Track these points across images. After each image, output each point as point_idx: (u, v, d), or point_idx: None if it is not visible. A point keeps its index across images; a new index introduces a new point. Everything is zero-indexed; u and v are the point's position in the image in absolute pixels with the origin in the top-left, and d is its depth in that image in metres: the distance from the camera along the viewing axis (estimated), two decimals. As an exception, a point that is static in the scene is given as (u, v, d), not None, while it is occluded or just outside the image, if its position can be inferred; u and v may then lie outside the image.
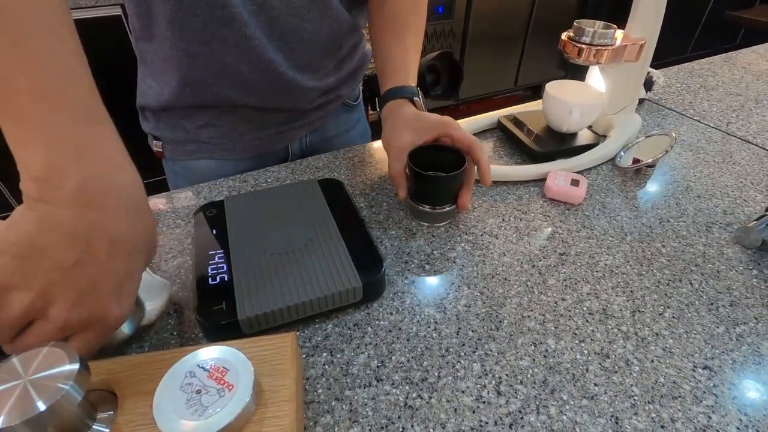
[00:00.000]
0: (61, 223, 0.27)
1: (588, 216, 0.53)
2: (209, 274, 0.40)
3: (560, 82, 0.65)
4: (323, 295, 0.38)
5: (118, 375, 0.29)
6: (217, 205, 0.48)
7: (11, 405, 0.23)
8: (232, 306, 0.37)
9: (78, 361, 0.25)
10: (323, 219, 0.46)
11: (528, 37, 2.43)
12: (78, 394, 0.24)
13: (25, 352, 0.25)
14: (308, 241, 0.43)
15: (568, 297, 0.43)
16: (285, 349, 0.31)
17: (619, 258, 0.47)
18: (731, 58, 1.01)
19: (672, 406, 0.34)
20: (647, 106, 0.79)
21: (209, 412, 0.26)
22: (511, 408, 0.34)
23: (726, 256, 0.48)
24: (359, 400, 0.34)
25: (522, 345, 0.38)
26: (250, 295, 0.37)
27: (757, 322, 0.40)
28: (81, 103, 0.30)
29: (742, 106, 0.79)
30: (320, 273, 0.40)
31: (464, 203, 0.49)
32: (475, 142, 0.49)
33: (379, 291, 0.42)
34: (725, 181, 0.59)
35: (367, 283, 0.39)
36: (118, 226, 0.29)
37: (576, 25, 0.59)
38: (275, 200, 0.49)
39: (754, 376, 0.36)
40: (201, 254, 0.42)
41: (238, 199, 0.49)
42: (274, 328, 0.38)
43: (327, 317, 0.40)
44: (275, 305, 0.37)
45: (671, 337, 0.39)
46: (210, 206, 0.48)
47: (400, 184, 0.50)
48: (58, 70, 0.29)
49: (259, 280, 0.39)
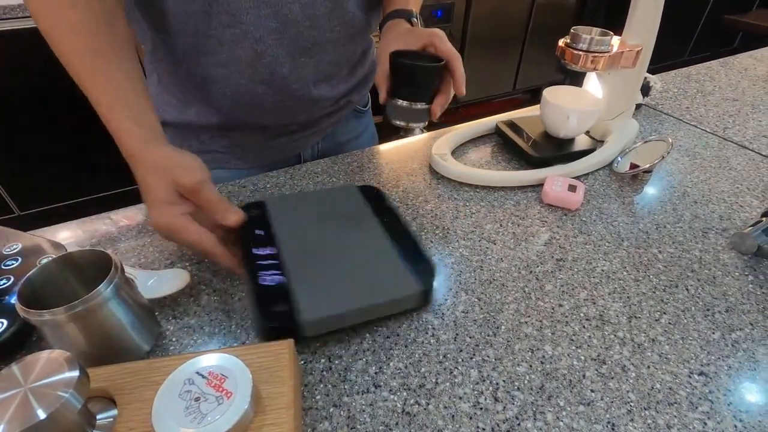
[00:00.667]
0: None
1: (585, 221, 0.53)
2: (262, 274, 0.39)
3: (558, 88, 0.65)
4: (383, 301, 0.38)
5: (117, 382, 0.29)
6: (257, 206, 0.48)
7: (11, 413, 0.23)
8: (293, 308, 0.36)
9: (78, 368, 0.25)
10: (371, 224, 0.46)
11: (527, 40, 2.44)
12: (78, 402, 0.24)
13: (25, 360, 0.25)
14: (360, 246, 0.43)
15: (565, 303, 0.43)
16: (283, 356, 0.31)
17: (616, 264, 0.47)
18: (728, 63, 1.02)
19: (668, 412, 0.34)
20: (644, 111, 0.79)
21: (208, 420, 0.26)
22: (508, 414, 0.34)
23: (722, 261, 0.48)
24: (357, 406, 0.34)
25: (519, 351, 0.38)
26: (310, 297, 0.37)
27: (752, 328, 0.41)
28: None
29: (739, 112, 0.79)
30: (377, 278, 0.40)
31: (435, 108, 0.51)
32: (456, 55, 0.51)
33: (431, 296, 0.42)
34: (722, 187, 0.59)
35: (425, 288, 0.40)
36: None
37: (573, 32, 0.60)
38: (318, 203, 0.49)
39: (749, 382, 0.36)
40: (249, 254, 0.42)
41: (280, 201, 0.50)
42: (333, 332, 0.38)
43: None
44: (337, 309, 0.37)
45: (667, 343, 0.39)
46: (251, 206, 0.48)
47: (382, 86, 0.52)
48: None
49: (317, 283, 0.39)
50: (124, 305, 0.34)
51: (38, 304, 0.31)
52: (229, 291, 0.44)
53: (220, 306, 0.42)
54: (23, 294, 0.31)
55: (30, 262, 0.41)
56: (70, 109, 1.43)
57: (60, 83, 1.38)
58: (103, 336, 0.34)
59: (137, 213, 0.54)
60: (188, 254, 0.48)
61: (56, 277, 0.34)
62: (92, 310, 0.32)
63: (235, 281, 0.44)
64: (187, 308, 0.42)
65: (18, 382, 0.24)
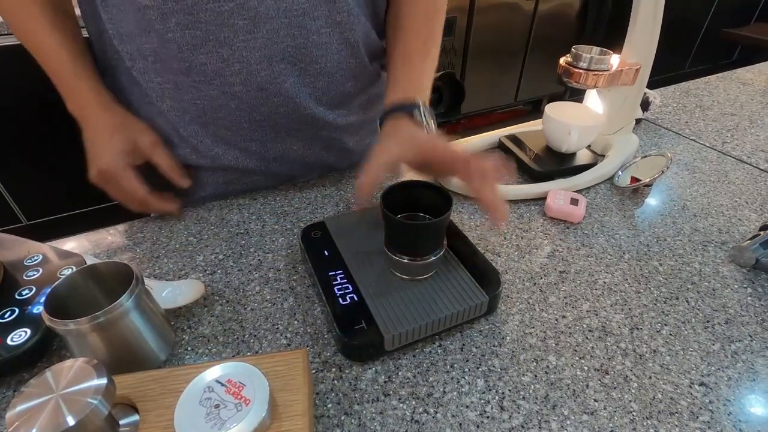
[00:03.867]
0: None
1: (587, 234, 0.55)
2: (337, 294, 0.41)
3: (559, 104, 0.67)
4: (456, 311, 0.40)
5: (139, 389, 0.31)
6: (318, 227, 0.49)
7: (43, 419, 0.24)
8: (372, 324, 0.38)
9: (105, 376, 0.26)
10: None
11: (528, 52, 2.47)
12: (105, 409, 0.25)
13: (57, 366, 0.26)
14: None
15: (568, 314, 0.44)
16: (297, 365, 0.33)
17: (618, 276, 0.49)
18: (726, 77, 1.04)
19: (669, 422, 0.35)
20: (644, 126, 0.81)
21: (227, 426, 0.27)
22: (514, 423, 0.35)
23: (721, 274, 0.49)
24: (367, 414, 0.35)
25: (524, 361, 0.39)
26: (387, 313, 0.39)
27: (751, 340, 0.42)
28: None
29: (737, 126, 0.81)
30: (445, 289, 0.42)
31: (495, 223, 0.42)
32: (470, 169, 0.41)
33: (497, 304, 0.44)
34: (720, 201, 0.61)
35: (492, 297, 0.41)
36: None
37: (574, 51, 0.62)
38: (375, 221, 0.49)
39: (748, 393, 0.37)
40: (322, 275, 0.43)
41: (338, 221, 0.50)
42: (410, 344, 0.40)
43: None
44: (414, 322, 0.38)
45: (668, 354, 0.40)
46: (312, 227, 0.49)
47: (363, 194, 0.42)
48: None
49: (390, 299, 0.41)
50: (143, 316, 0.35)
51: (62, 313, 0.32)
52: (242, 301, 0.45)
53: (234, 316, 0.43)
54: (49, 304, 0.33)
55: (50, 272, 0.43)
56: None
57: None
58: (123, 345, 0.35)
59: (149, 224, 0.56)
60: (201, 265, 0.49)
61: (79, 288, 0.36)
62: (114, 320, 0.33)
63: (248, 292, 0.46)
64: (201, 318, 0.43)
65: (51, 388, 0.25)
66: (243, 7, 0.45)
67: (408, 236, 0.41)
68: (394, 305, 0.40)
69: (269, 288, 0.46)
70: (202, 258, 0.51)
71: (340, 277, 0.43)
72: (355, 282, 0.42)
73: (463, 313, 0.40)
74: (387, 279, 0.43)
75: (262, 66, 0.49)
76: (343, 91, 0.58)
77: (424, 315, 0.39)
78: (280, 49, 0.49)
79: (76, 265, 0.43)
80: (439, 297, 0.41)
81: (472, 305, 0.40)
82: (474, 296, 0.41)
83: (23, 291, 0.40)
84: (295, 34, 0.49)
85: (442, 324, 0.40)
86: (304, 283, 0.47)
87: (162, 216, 0.58)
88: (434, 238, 0.42)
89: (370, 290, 0.41)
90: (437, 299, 0.40)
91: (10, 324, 0.37)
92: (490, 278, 0.43)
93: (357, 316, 0.39)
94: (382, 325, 0.38)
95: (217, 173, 0.60)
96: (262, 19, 0.46)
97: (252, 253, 0.51)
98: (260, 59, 0.49)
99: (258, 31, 0.47)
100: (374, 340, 0.38)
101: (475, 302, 0.40)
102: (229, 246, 0.52)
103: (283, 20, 0.47)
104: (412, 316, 0.39)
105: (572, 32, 2.56)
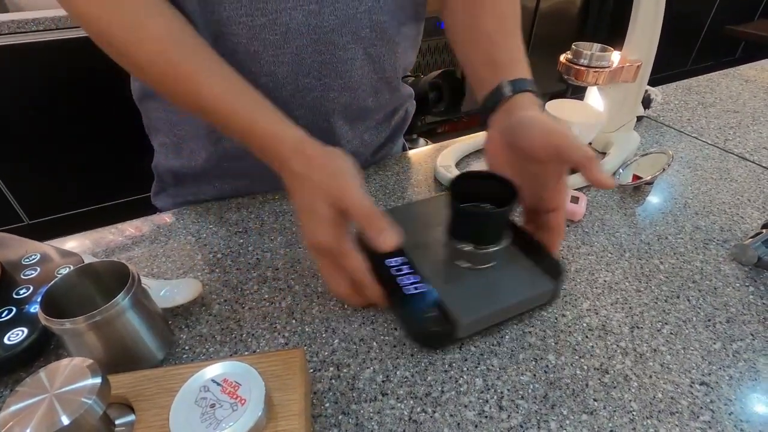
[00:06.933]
0: None
1: (588, 233, 0.54)
2: (403, 283, 0.41)
3: (560, 101, 0.67)
4: (524, 298, 0.41)
5: (135, 389, 0.30)
6: None
7: (38, 419, 0.24)
8: (443, 311, 0.39)
9: (100, 375, 0.26)
10: None
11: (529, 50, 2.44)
12: (100, 408, 0.25)
13: (51, 365, 0.26)
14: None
15: (568, 313, 0.44)
16: (294, 365, 0.32)
17: (618, 274, 0.48)
18: (729, 74, 1.03)
19: (669, 422, 0.35)
20: (646, 123, 0.80)
21: (223, 426, 0.27)
22: (513, 423, 0.35)
23: (723, 272, 0.49)
24: (365, 414, 0.35)
25: (523, 360, 0.39)
26: (458, 301, 0.40)
27: (753, 339, 0.41)
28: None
29: (740, 123, 0.80)
30: (509, 277, 0.42)
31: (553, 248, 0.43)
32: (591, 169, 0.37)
33: (559, 292, 0.45)
34: (722, 198, 0.60)
35: (556, 284, 0.42)
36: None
37: (574, 48, 0.61)
38: (425, 213, 0.50)
39: (750, 392, 0.37)
40: (383, 266, 0.43)
41: (393, 213, 0.49)
42: (480, 332, 0.41)
43: (333, 333, 0.42)
44: (485, 309, 0.39)
45: (669, 353, 0.40)
46: None
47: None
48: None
49: (456, 287, 0.41)
50: (140, 315, 0.35)
51: (59, 312, 0.32)
52: (240, 300, 0.45)
53: (231, 315, 0.43)
54: (45, 303, 0.32)
55: (48, 271, 0.43)
56: (79, 119, 1.46)
57: (68, 94, 1.41)
58: (119, 344, 0.35)
59: (147, 223, 0.56)
60: (199, 264, 0.49)
61: (76, 287, 0.35)
62: (110, 320, 0.33)
63: (246, 291, 0.46)
64: (199, 317, 0.43)
65: (45, 388, 0.25)
66: (275, 22, 0.46)
67: (476, 224, 0.42)
68: (461, 293, 0.40)
69: (267, 287, 0.46)
70: (200, 257, 0.50)
71: (404, 268, 0.43)
72: (418, 271, 0.43)
73: (530, 300, 0.41)
74: (449, 268, 0.43)
75: (288, 81, 0.49)
76: (364, 106, 0.58)
77: (493, 302, 0.40)
78: (306, 64, 0.49)
79: (73, 264, 0.43)
80: (504, 285, 0.41)
81: (538, 292, 0.41)
82: (539, 284, 0.42)
83: (20, 290, 0.40)
84: (322, 49, 0.49)
85: (510, 311, 0.41)
86: (302, 282, 0.47)
87: (162, 216, 0.58)
88: (501, 227, 0.42)
89: (435, 279, 0.42)
90: (502, 287, 0.41)
91: (7, 323, 0.37)
92: (553, 267, 0.43)
93: (427, 304, 0.40)
94: (455, 312, 0.38)
95: (226, 179, 0.60)
96: (292, 34, 0.47)
97: (250, 252, 0.51)
98: (287, 74, 0.49)
99: (288, 46, 0.47)
100: (447, 328, 0.38)
101: (542, 289, 0.42)
102: (227, 245, 0.52)
103: (312, 36, 0.48)
104: (482, 303, 0.40)
105: (574, 30, 2.55)
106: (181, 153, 0.59)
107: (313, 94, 0.52)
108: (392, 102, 0.63)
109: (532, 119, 0.41)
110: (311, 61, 0.49)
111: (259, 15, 0.45)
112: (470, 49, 0.50)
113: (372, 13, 0.49)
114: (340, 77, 0.52)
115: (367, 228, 0.36)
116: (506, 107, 0.44)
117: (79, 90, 1.42)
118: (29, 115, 1.40)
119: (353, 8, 0.48)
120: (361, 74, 0.54)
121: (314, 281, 0.47)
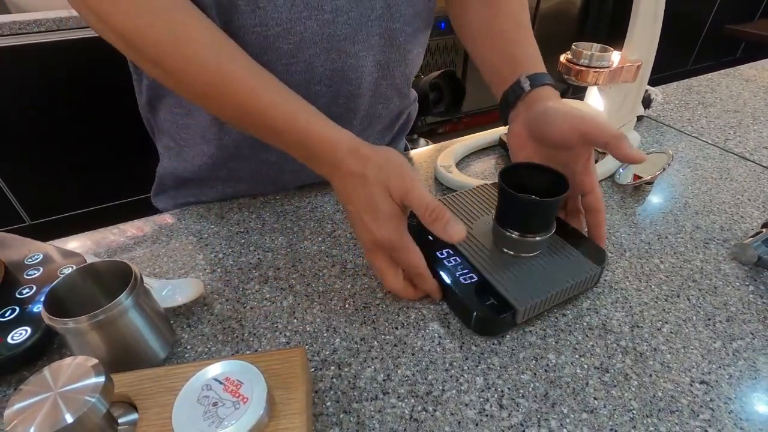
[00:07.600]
0: None
1: (588, 232, 0.54)
2: (458, 273, 0.43)
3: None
4: (575, 282, 0.42)
5: (138, 388, 0.31)
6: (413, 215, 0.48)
7: (41, 417, 0.24)
8: (501, 299, 0.40)
9: (103, 374, 0.26)
10: None
11: (529, 51, 2.46)
12: (103, 407, 0.25)
13: (55, 364, 0.26)
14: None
15: (568, 312, 0.44)
16: (295, 363, 0.33)
17: (619, 274, 0.48)
18: (729, 74, 1.03)
19: (670, 420, 0.35)
20: (646, 123, 0.80)
21: (225, 424, 0.27)
22: (513, 421, 0.35)
23: (723, 272, 0.49)
24: (366, 412, 0.35)
25: (523, 359, 0.39)
26: (513, 288, 0.41)
27: (753, 338, 0.41)
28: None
29: (740, 123, 0.80)
30: (556, 264, 0.44)
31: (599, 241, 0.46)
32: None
33: (600, 277, 0.46)
34: (722, 198, 0.60)
35: (600, 269, 0.44)
36: None
37: (574, 48, 0.62)
38: (467, 204, 0.52)
39: (750, 391, 0.37)
40: (435, 257, 0.44)
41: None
42: (537, 317, 0.43)
43: (334, 332, 0.42)
44: (540, 295, 0.40)
45: (669, 352, 0.40)
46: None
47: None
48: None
49: (507, 275, 0.42)
50: (142, 314, 0.35)
51: (62, 312, 0.32)
52: (242, 300, 0.45)
53: (233, 315, 0.43)
54: (48, 302, 0.33)
55: (50, 271, 0.43)
56: (80, 119, 1.46)
57: (70, 94, 1.42)
58: (122, 343, 0.35)
59: (149, 224, 0.56)
60: (201, 264, 0.49)
61: (79, 287, 0.36)
62: (113, 319, 0.33)
63: (247, 291, 0.46)
64: (201, 317, 0.43)
65: (49, 386, 0.25)
66: (289, 32, 0.45)
67: (527, 212, 0.43)
68: (514, 280, 0.42)
69: (269, 287, 0.46)
70: (201, 257, 0.51)
71: (454, 260, 0.44)
72: (468, 261, 0.44)
73: (578, 285, 0.43)
74: (496, 256, 0.44)
75: (300, 89, 0.48)
76: (373, 112, 0.58)
77: (546, 288, 0.41)
78: (318, 72, 0.49)
79: (76, 264, 0.44)
80: (553, 271, 0.43)
81: (586, 277, 0.43)
82: (586, 268, 0.43)
83: (23, 290, 0.41)
84: (334, 58, 0.49)
85: (563, 295, 0.42)
86: (303, 282, 0.47)
87: (163, 216, 0.58)
88: (551, 216, 0.44)
89: (486, 268, 0.43)
90: (551, 273, 0.42)
91: (11, 323, 0.38)
92: (596, 252, 0.45)
93: (484, 293, 0.41)
94: (513, 300, 0.40)
95: (228, 182, 0.60)
96: (306, 44, 0.47)
97: (252, 251, 0.51)
98: (299, 82, 0.49)
99: (301, 55, 0.47)
100: (508, 315, 0.40)
101: (589, 274, 0.43)
102: (228, 245, 0.52)
103: (325, 45, 0.48)
104: (536, 290, 0.41)
105: (573, 30, 2.55)
106: (184, 156, 0.59)
107: (322, 101, 0.52)
108: (400, 107, 0.64)
109: (555, 107, 0.44)
110: (323, 70, 0.50)
111: (273, 25, 0.44)
112: (486, 46, 0.52)
113: (383, 20, 0.50)
114: (350, 84, 0.52)
115: (435, 222, 0.37)
116: (526, 101, 0.46)
117: (80, 90, 1.42)
118: (30, 116, 1.40)
119: (365, 16, 0.48)
120: (370, 81, 0.54)
121: (315, 281, 0.47)
